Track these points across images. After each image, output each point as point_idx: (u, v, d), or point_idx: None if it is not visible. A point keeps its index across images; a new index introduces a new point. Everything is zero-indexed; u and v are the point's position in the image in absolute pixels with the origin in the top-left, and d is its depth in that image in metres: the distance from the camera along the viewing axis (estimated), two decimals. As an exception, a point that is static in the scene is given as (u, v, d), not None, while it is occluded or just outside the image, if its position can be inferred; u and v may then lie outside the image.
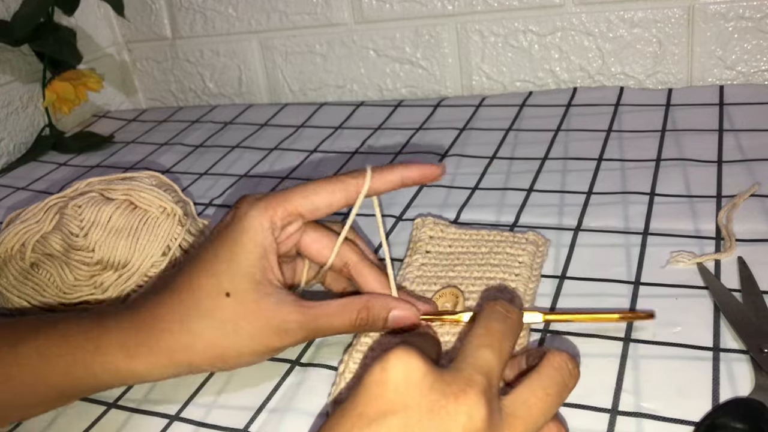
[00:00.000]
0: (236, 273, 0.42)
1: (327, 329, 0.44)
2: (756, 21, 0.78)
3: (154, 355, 0.42)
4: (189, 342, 0.42)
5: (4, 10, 0.93)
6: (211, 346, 0.42)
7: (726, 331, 0.45)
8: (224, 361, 0.43)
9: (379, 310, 0.45)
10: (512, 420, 0.32)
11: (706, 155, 0.65)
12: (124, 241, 0.57)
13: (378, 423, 0.30)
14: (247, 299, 0.42)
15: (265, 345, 0.43)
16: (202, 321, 0.42)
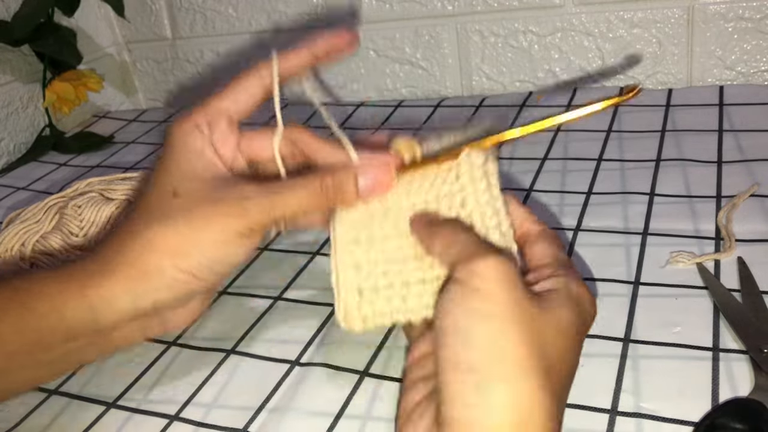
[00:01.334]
0: (178, 176, 0.40)
1: (289, 205, 0.39)
2: (756, 21, 0.78)
3: (114, 275, 0.39)
4: (144, 245, 0.39)
5: (4, 10, 0.93)
6: (168, 244, 0.39)
7: (726, 332, 0.45)
8: (190, 257, 0.39)
9: (344, 176, 0.40)
10: None
11: (705, 155, 0.65)
12: (124, 241, 0.57)
13: None
14: (195, 190, 0.40)
15: (224, 231, 0.39)
16: (153, 226, 0.39)
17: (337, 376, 0.47)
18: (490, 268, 0.32)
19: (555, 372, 0.32)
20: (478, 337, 0.30)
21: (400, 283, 0.38)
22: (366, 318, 0.39)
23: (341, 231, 0.40)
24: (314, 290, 0.57)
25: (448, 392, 0.31)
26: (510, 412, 0.30)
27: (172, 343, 0.53)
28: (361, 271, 0.39)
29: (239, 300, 0.57)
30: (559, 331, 0.32)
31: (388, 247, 0.39)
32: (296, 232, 0.65)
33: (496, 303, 0.31)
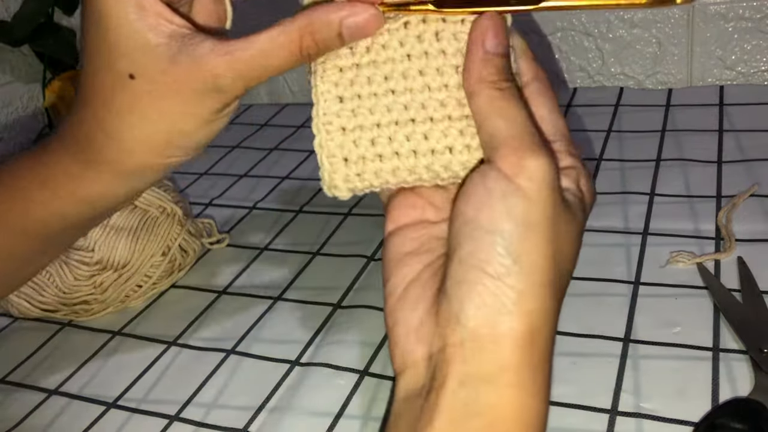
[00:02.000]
0: (125, 46, 0.34)
1: (267, 71, 0.34)
2: (756, 21, 0.78)
3: (100, 174, 0.37)
4: (124, 149, 0.36)
5: (4, 11, 0.93)
6: (148, 142, 0.36)
7: (726, 332, 0.45)
8: (175, 147, 0.36)
9: (325, 28, 0.33)
10: None
11: (706, 155, 0.65)
12: (123, 241, 0.57)
13: None
14: (154, 73, 0.34)
15: (203, 113, 0.35)
16: (122, 119, 0.35)
17: (337, 376, 0.47)
18: (538, 168, 0.29)
19: (564, 282, 0.31)
20: (512, 243, 0.29)
21: (391, 152, 0.34)
22: (353, 189, 0.35)
23: (323, 88, 0.35)
24: (314, 290, 0.57)
25: (463, 290, 0.29)
26: (526, 322, 0.29)
27: (172, 343, 0.53)
28: (347, 135, 0.35)
29: (239, 300, 0.57)
30: (574, 240, 0.31)
31: (377, 109, 0.34)
32: (296, 232, 0.65)
33: (540, 212, 0.29)
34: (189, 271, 0.62)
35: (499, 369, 0.29)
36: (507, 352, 0.29)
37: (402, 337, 0.33)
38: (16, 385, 0.52)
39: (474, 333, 0.29)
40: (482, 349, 0.29)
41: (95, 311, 0.57)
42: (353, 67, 0.35)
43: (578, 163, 0.33)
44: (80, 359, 0.53)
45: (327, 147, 0.35)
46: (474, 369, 0.29)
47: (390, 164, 0.34)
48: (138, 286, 0.58)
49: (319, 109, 0.35)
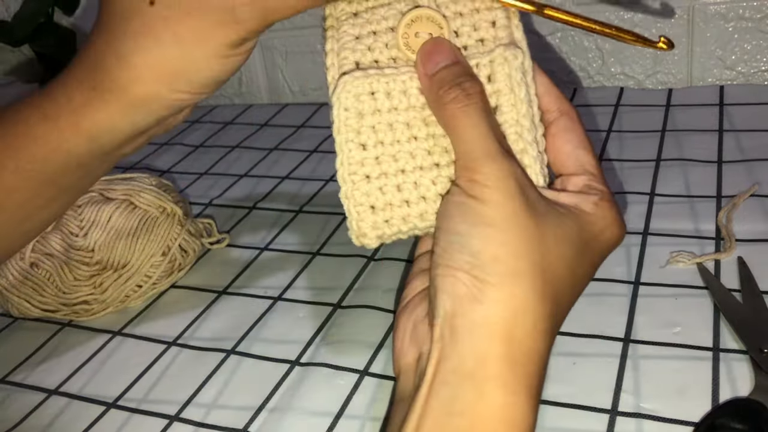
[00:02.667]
0: None
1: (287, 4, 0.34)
2: (756, 21, 0.78)
3: (105, 101, 0.36)
4: (133, 73, 0.35)
5: (4, 11, 0.93)
6: (158, 67, 0.35)
7: (726, 332, 0.45)
8: (184, 78, 0.36)
9: None
10: None
11: (706, 155, 0.65)
12: (123, 241, 0.57)
13: None
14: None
15: (216, 46, 0.35)
16: (137, 43, 0.35)
17: (337, 376, 0.47)
18: (490, 176, 0.31)
19: (554, 281, 0.31)
20: (473, 242, 0.31)
21: (417, 198, 0.35)
22: (382, 236, 0.36)
23: (346, 137, 0.35)
24: (314, 290, 0.57)
25: (437, 283, 0.31)
26: (497, 311, 0.30)
27: (172, 343, 0.53)
28: (372, 183, 0.35)
29: (239, 300, 0.57)
30: (560, 240, 0.32)
31: (401, 155, 0.35)
32: (296, 232, 0.65)
33: (494, 211, 0.31)
34: (189, 271, 0.62)
35: (477, 361, 0.30)
36: (483, 342, 0.30)
37: (398, 341, 0.35)
38: (16, 385, 0.52)
39: (449, 323, 0.30)
40: (458, 341, 0.30)
41: (95, 311, 0.57)
42: (375, 113, 0.35)
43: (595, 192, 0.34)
44: (80, 359, 0.53)
45: (353, 196, 0.35)
46: (453, 364, 0.30)
47: (417, 209, 0.35)
48: (138, 286, 0.58)
49: (344, 159, 0.35)
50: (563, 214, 0.33)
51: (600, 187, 0.35)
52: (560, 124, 0.36)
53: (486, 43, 0.35)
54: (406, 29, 0.35)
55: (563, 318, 0.33)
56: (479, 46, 0.35)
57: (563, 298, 0.32)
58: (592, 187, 0.35)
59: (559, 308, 0.32)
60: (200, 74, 0.36)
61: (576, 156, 0.35)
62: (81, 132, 0.37)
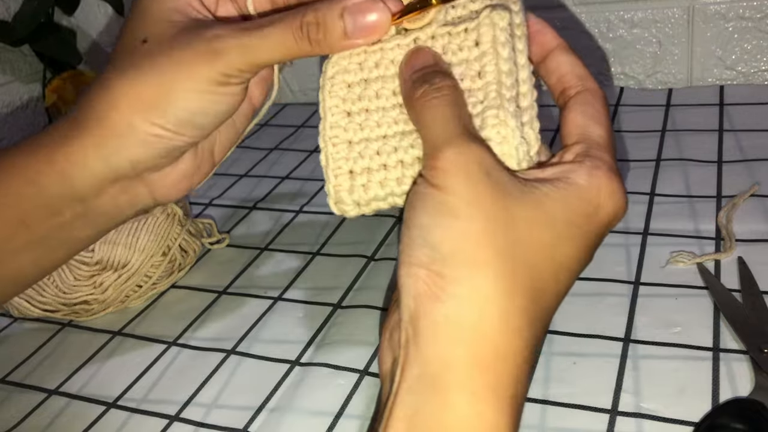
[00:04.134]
0: (149, 20, 0.36)
1: (265, 46, 0.34)
2: (756, 21, 0.78)
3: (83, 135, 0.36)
4: (110, 101, 0.35)
5: (4, 10, 0.93)
6: (136, 98, 0.35)
7: (726, 332, 0.45)
8: (160, 110, 0.35)
9: (327, 11, 0.33)
10: None
11: (706, 155, 0.65)
12: (123, 241, 0.57)
13: None
14: (163, 34, 0.35)
15: (194, 78, 0.34)
16: (121, 78, 0.35)
17: (337, 376, 0.47)
18: (450, 162, 0.29)
19: (527, 270, 0.29)
20: (433, 234, 0.29)
21: (395, 161, 0.34)
22: (359, 203, 0.35)
23: (331, 103, 0.36)
24: (314, 290, 0.57)
25: (401, 284, 0.29)
26: (459, 308, 0.28)
27: (172, 343, 0.53)
28: (353, 148, 0.35)
29: (239, 300, 0.57)
30: (536, 223, 0.29)
31: (384, 121, 0.35)
32: (296, 232, 0.65)
33: (455, 199, 0.29)
34: (189, 271, 0.62)
35: (441, 366, 0.27)
36: (446, 345, 0.28)
37: (381, 350, 0.33)
38: (16, 385, 0.52)
39: (413, 326, 0.28)
40: (421, 344, 0.28)
41: (95, 311, 0.58)
42: (362, 82, 0.35)
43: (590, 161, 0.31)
44: (80, 359, 0.53)
45: (333, 159, 0.35)
46: (419, 370, 0.28)
47: (394, 173, 0.34)
48: (138, 286, 0.58)
49: (326, 124, 0.35)
50: (544, 193, 0.30)
51: (599, 153, 0.32)
52: (579, 98, 0.34)
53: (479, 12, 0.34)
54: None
55: (548, 311, 0.30)
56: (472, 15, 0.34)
57: (542, 288, 0.29)
58: (590, 155, 0.31)
59: (537, 301, 0.29)
60: (177, 107, 0.35)
61: (585, 126, 0.33)
62: (54, 166, 0.36)
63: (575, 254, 0.30)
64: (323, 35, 0.34)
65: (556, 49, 0.34)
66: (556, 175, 0.31)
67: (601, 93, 0.34)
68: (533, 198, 0.29)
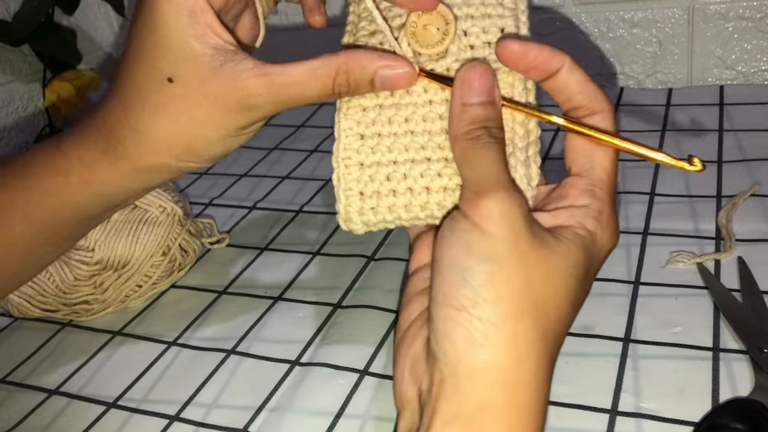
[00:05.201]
0: (171, 50, 0.35)
1: (298, 99, 0.36)
2: (756, 21, 0.78)
3: (116, 166, 0.38)
4: (147, 146, 0.37)
5: (4, 10, 0.93)
6: (171, 143, 0.37)
7: (726, 331, 0.45)
8: (194, 153, 0.38)
9: (360, 71, 0.35)
10: None
11: (706, 155, 0.65)
12: (123, 241, 0.57)
13: None
14: (192, 81, 0.35)
15: (230, 127, 0.37)
16: (154, 118, 0.37)
17: (337, 376, 0.47)
18: (498, 207, 0.30)
19: (557, 318, 0.31)
20: (474, 277, 0.29)
21: (404, 189, 0.35)
22: (367, 223, 0.36)
23: (346, 125, 0.36)
24: (314, 290, 0.57)
25: (438, 327, 0.30)
26: (499, 354, 0.29)
27: (172, 343, 0.53)
28: (364, 171, 0.36)
29: (239, 300, 0.57)
30: (565, 273, 0.31)
31: (395, 147, 0.36)
32: (296, 232, 0.65)
33: (500, 247, 0.29)
34: (189, 271, 0.62)
35: (479, 407, 0.29)
36: (485, 389, 0.29)
37: (398, 376, 0.34)
38: (16, 385, 0.52)
39: (452, 369, 0.29)
40: (460, 386, 0.29)
41: (95, 311, 0.57)
42: (376, 107, 0.36)
43: (596, 203, 0.33)
44: (80, 359, 0.53)
45: (344, 180, 0.36)
46: (455, 407, 0.29)
47: (403, 199, 0.35)
48: (138, 286, 0.58)
49: (340, 145, 0.36)
50: (568, 241, 0.31)
51: (602, 194, 0.33)
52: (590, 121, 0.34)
53: (493, 47, 0.35)
54: (416, 18, 0.35)
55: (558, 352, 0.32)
56: (486, 48, 0.35)
57: (563, 331, 0.32)
58: (594, 195, 0.33)
59: (558, 343, 0.32)
60: (208, 150, 0.38)
61: (591, 156, 0.34)
62: (91, 189, 0.39)
63: (584, 293, 0.33)
64: (353, 89, 0.35)
65: (563, 69, 0.34)
66: (570, 222, 0.32)
67: (610, 114, 0.34)
68: (562, 249, 0.31)
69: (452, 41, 0.35)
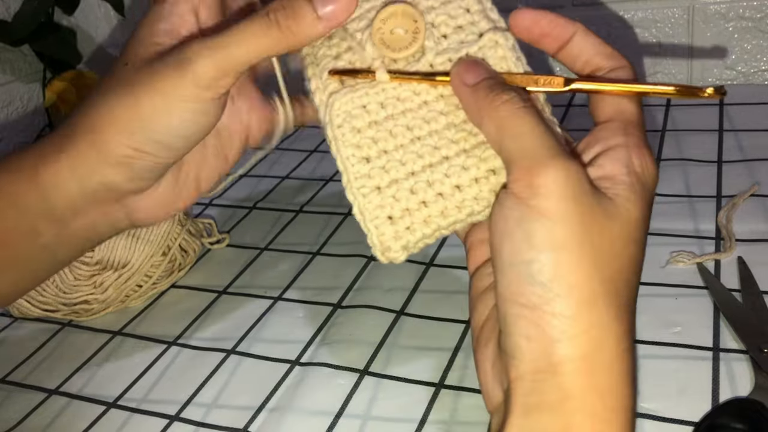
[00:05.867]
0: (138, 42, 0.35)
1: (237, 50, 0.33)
2: (756, 21, 0.78)
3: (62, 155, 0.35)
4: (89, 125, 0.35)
5: (4, 10, 0.93)
6: (111, 119, 0.34)
7: (726, 331, 0.45)
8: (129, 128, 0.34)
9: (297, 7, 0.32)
10: None
11: (706, 155, 0.65)
12: (123, 241, 0.57)
13: None
14: (144, 58, 0.34)
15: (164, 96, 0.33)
16: (100, 100, 0.35)
17: (337, 376, 0.47)
18: (553, 182, 0.27)
19: (627, 290, 0.29)
20: (541, 272, 0.27)
21: (433, 196, 0.33)
22: (407, 246, 0.33)
23: (346, 153, 0.34)
24: (314, 290, 0.57)
25: (508, 325, 0.28)
26: (577, 346, 0.27)
27: (172, 343, 0.53)
28: (384, 193, 0.33)
29: (239, 300, 0.57)
30: (627, 241, 0.29)
31: (408, 158, 0.33)
32: (296, 232, 0.65)
33: (565, 229, 0.27)
34: (189, 271, 0.62)
35: (562, 397, 0.28)
36: (567, 381, 0.28)
37: (483, 379, 0.33)
38: (16, 385, 0.52)
39: (531, 367, 0.28)
40: (542, 381, 0.28)
41: (95, 311, 0.57)
42: (372, 125, 0.34)
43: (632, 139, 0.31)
44: (80, 359, 0.53)
45: (367, 211, 0.33)
46: (536, 399, 0.28)
47: (436, 207, 0.33)
48: (138, 286, 0.58)
49: (349, 176, 0.34)
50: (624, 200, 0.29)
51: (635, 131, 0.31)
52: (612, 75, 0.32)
53: (465, 29, 0.34)
54: (381, 25, 0.34)
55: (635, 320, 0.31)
56: (459, 33, 0.34)
57: (634, 302, 0.30)
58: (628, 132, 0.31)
59: (633, 315, 0.30)
60: (148, 127, 0.34)
61: (618, 102, 0.32)
62: (35, 186, 0.36)
63: (643, 254, 0.31)
64: (293, 19, 0.32)
65: (576, 35, 0.33)
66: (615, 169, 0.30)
67: (632, 69, 0.33)
68: (621, 213, 0.29)
69: (426, 37, 0.34)
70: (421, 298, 0.53)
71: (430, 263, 0.57)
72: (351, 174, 0.34)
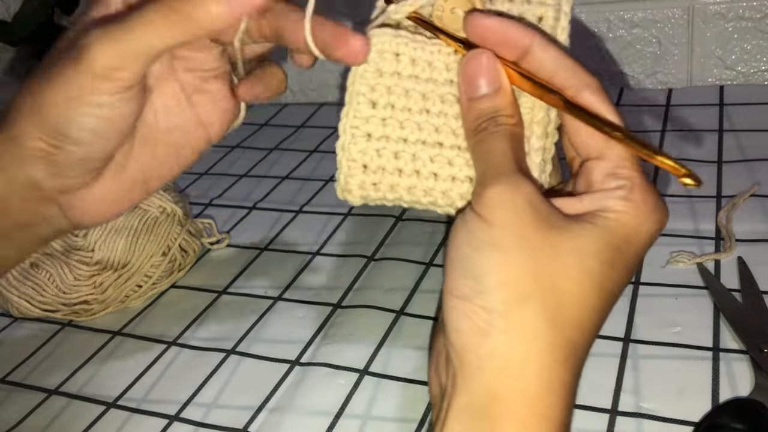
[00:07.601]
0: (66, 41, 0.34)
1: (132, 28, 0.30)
2: (756, 21, 0.78)
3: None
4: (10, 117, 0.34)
5: (4, 10, 0.93)
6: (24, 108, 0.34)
7: (726, 331, 0.45)
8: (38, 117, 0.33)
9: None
10: None
11: (706, 155, 0.65)
12: (123, 241, 0.57)
13: None
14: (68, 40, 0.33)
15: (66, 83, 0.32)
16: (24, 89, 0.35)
17: (337, 376, 0.47)
18: (498, 195, 0.29)
19: (572, 301, 0.28)
20: (477, 266, 0.28)
21: (411, 170, 0.34)
22: (366, 198, 0.35)
23: (360, 89, 0.34)
24: (314, 290, 0.57)
25: (446, 316, 0.29)
26: (505, 343, 0.28)
27: (172, 343, 0.53)
28: (371, 143, 0.34)
29: (239, 300, 0.57)
30: (582, 254, 0.29)
31: (408, 124, 0.34)
32: (296, 232, 0.65)
33: (500, 232, 0.28)
34: (189, 271, 0.62)
35: (489, 398, 0.28)
36: (493, 378, 0.28)
37: (429, 372, 0.33)
38: (16, 385, 0.52)
39: (459, 359, 0.29)
40: (468, 376, 0.28)
41: (95, 311, 0.57)
42: (394, 74, 0.34)
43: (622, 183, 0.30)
44: (80, 359, 0.53)
45: (349, 150, 0.34)
46: (466, 399, 0.28)
47: (407, 181, 0.34)
48: (138, 286, 0.58)
49: (350, 111, 0.34)
50: (587, 224, 0.29)
51: (628, 172, 0.30)
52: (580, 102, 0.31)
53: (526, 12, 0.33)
54: (443, 3, 0.33)
55: (593, 335, 0.30)
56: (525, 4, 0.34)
57: (589, 318, 0.29)
58: (619, 176, 0.30)
59: (583, 329, 0.29)
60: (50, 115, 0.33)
61: (598, 136, 0.31)
62: None
63: (619, 278, 0.30)
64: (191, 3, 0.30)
65: (534, 46, 0.31)
66: (594, 207, 0.30)
67: (598, 86, 0.31)
68: (578, 228, 0.29)
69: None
70: (421, 298, 0.53)
71: (430, 263, 0.57)
72: (353, 109, 0.34)
